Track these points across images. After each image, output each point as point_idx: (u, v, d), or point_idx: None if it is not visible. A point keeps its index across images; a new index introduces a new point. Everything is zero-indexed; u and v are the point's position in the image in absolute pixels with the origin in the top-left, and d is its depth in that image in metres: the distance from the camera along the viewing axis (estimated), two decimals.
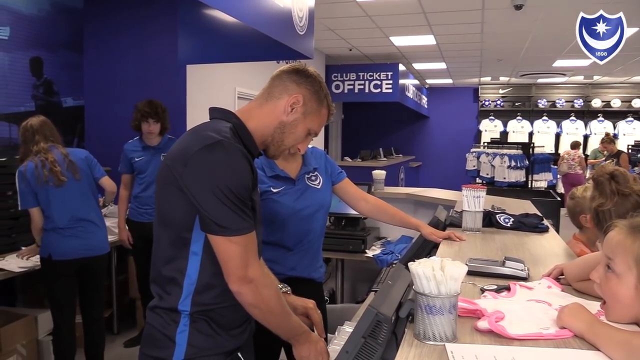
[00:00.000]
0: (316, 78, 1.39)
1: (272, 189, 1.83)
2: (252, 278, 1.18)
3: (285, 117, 1.34)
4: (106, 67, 4.58)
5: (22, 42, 3.99)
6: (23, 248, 3.22)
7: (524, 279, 1.40)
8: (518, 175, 8.43)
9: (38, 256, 2.99)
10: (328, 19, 5.97)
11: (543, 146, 10.35)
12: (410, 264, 0.94)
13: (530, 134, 12.23)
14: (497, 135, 12.15)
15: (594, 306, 1.08)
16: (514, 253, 1.74)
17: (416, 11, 5.48)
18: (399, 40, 7.21)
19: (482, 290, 1.27)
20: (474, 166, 9.13)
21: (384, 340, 0.96)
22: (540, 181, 9.02)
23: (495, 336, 0.98)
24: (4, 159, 3.36)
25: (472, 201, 2.10)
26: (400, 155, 11.99)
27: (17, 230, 3.37)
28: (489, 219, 2.26)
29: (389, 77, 8.48)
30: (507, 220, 2.25)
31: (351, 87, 8.75)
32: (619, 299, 1.00)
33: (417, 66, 9.77)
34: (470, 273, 1.44)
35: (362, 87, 8.68)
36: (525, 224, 2.21)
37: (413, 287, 0.95)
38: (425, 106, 12.84)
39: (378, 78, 8.55)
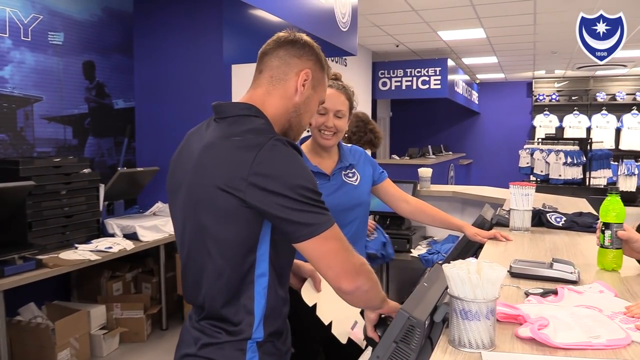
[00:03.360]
0: (313, 45, 1.25)
1: None
2: (360, 263, 1.10)
3: (298, 98, 1.21)
4: (155, 68, 4.69)
5: (75, 46, 4.14)
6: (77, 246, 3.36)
7: (574, 282, 1.31)
8: (574, 173, 8.07)
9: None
10: (373, 15, 5.89)
11: (602, 142, 9.86)
12: (445, 266, 0.89)
13: (588, 129, 11.68)
14: (553, 131, 11.69)
15: None
16: (564, 254, 1.64)
17: (464, 4, 5.32)
18: (447, 35, 7.04)
19: (527, 294, 1.19)
20: (528, 163, 8.81)
21: (417, 345, 0.91)
22: (599, 178, 8.61)
23: (537, 345, 0.91)
24: (58, 159, 3.49)
25: (520, 199, 2.00)
26: (450, 152, 11.73)
27: (71, 229, 3.50)
28: (539, 218, 2.15)
29: (437, 73, 8.30)
30: (558, 219, 2.14)
31: (398, 83, 8.62)
32: None
33: (467, 61, 9.52)
34: (514, 275, 1.37)
35: (409, 83, 8.54)
36: (578, 224, 2.08)
37: (448, 290, 0.89)
38: (476, 102, 12.51)
39: (426, 74, 8.39)
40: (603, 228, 1.46)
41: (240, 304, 1.12)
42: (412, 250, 3.41)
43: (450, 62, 8.50)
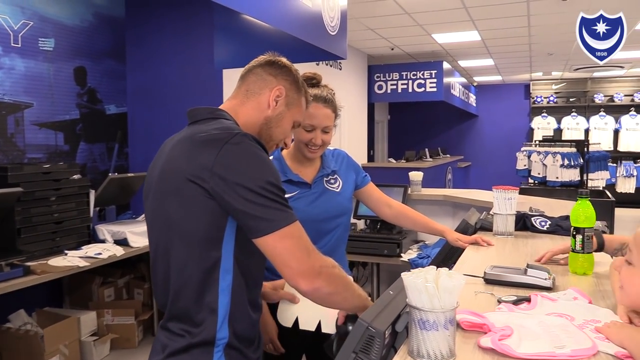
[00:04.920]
0: (291, 68, 1.33)
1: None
2: (320, 265, 1.09)
3: (270, 112, 1.27)
4: (147, 74, 4.69)
5: (66, 52, 4.13)
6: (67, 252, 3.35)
7: (548, 289, 1.29)
8: (572, 175, 8.05)
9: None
10: (367, 18, 5.89)
11: (599, 143, 9.84)
12: (403, 274, 0.87)
13: (586, 131, 11.68)
14: (551, 133, 11.67)
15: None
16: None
17: (457, 6, 5.32)
18: (442, 38, 7.04)
19: (499, 302, 1.18)
20: (525, 165, 8.79)
21: (377, 355, 0.89)
22: (597, 180, 8.58)
23: (500, 355, 0.90)
24: (47, 165, 3.48)
25: (503, 203, 1.99)
26: (448, 155, 11.72)
27: (61, 235, 3.48)
28: (524, 222, 2.14)
29: (433, 76, 8.29)
30: (543, 223, 2.12)
31: (394, 87, 8.61)
32: (631, 288, 1.00)
33: (464, 63, 9.51)
34: (489, 282, 1.35)
35: (405, 86, 8.53)
36: (562, 228, 2.07)
37: (407, 299, 0.88)
38: (474, 104, 12.50)
39: (422, 77, 8.38)
40: (574, 232, 1.45)
41: (204, 302, 1.11)
42: (402, 254, 3.39)
43: (445, 65, 8.49)
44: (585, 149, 8.24)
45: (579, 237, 1.44)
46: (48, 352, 3.19)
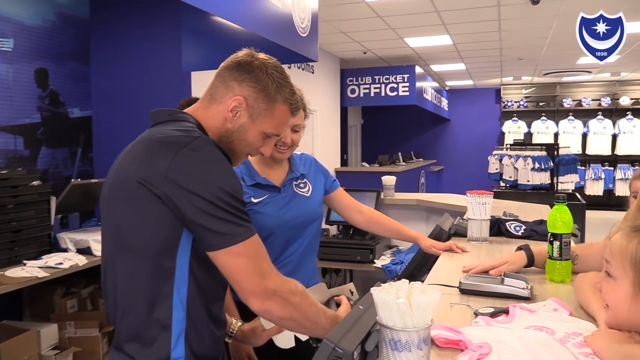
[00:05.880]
0: (264, 70, 1.15)
1: (252, 199, 1.68)
2: (273, 289, 1.01)
3: (230, 124, 1.14)
4: (113, 76, 4.54)
5: (26, 53, 3.96)
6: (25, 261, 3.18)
7: (526, 299, 1.24)
8: (542, 178, 8.16)
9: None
10: (339, 22, 5.84)
11: (569, 147, 10.01)
12: (372, 290, 0.80)
13: (556, 135, 11.87)
14: (521, 137, 11.84)
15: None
16: None
17: (428, 10, 5.31)
18: (414, 42, 7.04)
19: (476, 314, 1.11)
20: (497, 169, 8.89)
21: None
22: (566, 183, 8.73)
23: None
24: (5, 171, 3.31)
25: (477, 208, 1.94)
26: (421, 159, 11.77)
27: (20, 244, 3.32)
28: (498, 227, 2.09)
29: (405, 80, 8.30)
30: (518, 228, 2.08)
31: (367, 90, 8.59)
32: (617, 305, 0.92)
33: (436, 68, 9.56)
34: (464, 292, 1.29)
35: (378, 90, 8.51)
36: (537, 232, 2.03)
37: (377, 317, 0.80)
38: (446, 109, 12.60)
39: (394, 81, 8.38)
40: (551, 239, 1.40)
41: (154, 317, 1.02)
42: (375, 260, 3.33)
43: (418, 69, 8.51)
44: (555, 152, 8.37)
45: (556, 244, 1.39)
46: None
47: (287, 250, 1.66)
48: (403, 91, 8.39)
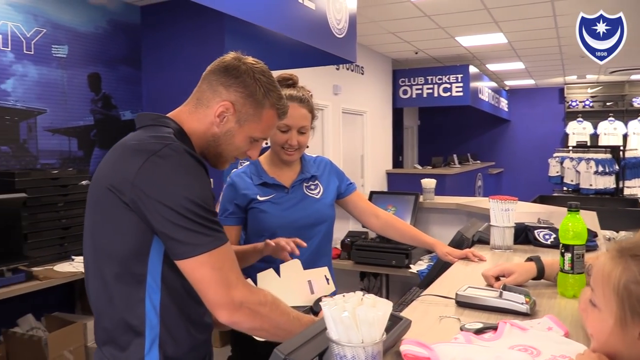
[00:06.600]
0: (251, 75, 1.14)
1: (258, 197, 1.68)
2: (240, 301, 0.99)
3: (217, 129, 1.14)
4: (162, 79, 4.70)
5: (80, 59, 4.17)
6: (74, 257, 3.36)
7: (525, 315, 1.16)
8: (607, 182, 7.71)
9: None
10: (386, 22, 5.76)
11: (636, 149, 9.40)
12: (321, 303, 0.77)
13: (625, 136, 11.17)
14: (587, 138, 11.23)
15: None
16: None
17: (477, 8, 5.13)
18: (466, 40, 6.83)
19: (461, 329, 1.05)
20: (557, 172, 8.50)
21: None
22: (634, 188, 8.20)
23: None
24: (55, 171, 3.50)
25: (500, 215, 1.85)
26: (478, 161, 11.42)
27: (68, 240, 3.50)
28: (526, 235, 1.98)
29: (459, 80, 8.08)
30: (547, 236, 1.96)
31: (419, 91, 8.43)
32: (599, 335, 0.82)
33: (492, 67, 9.24)
34: (460, 305, 1.23)
35: (430, 91, 8.34)
36: None
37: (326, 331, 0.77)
38: (506, 109, 12.16)
39: (447, 81, 8.18)
40: (562, 250, 1.31)
41: (127, 323, 1.03)
42: (411, 265, 3.25)
43: (472, 69, 8.26)
44: (621, 154, 7.89)
45: (567, 256, 1.30)
46: (52, 357, 3.19)
47: (302, 255, 1.65)
48: (457, 91, 8.17)
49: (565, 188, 8.35)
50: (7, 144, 3.66)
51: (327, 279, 1.54)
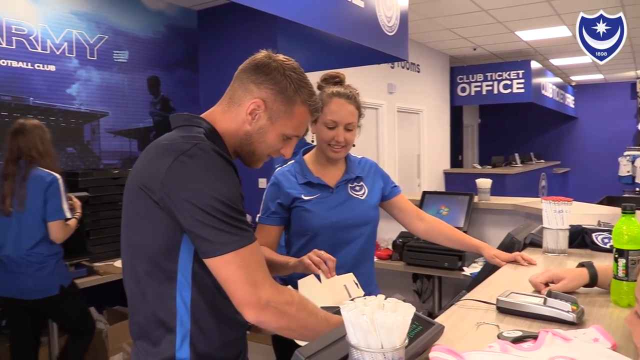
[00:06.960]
0: (281, 72, 1.14)
1: (302, 197, 1.67)
2: (267, 300, 0.99)
3: (249, 127, 1.15)
4: (218, 81, 4.80)
5: (139, 63, 4.34)
6: None
7: (572, 324, 1.09)
8: None
9: None
10: (442, 18, 5.63)
11: None
12: (341, 306, 0.75)
13: None
14: None
15: None
16: None
17: (537, 0, 4.92)
18: (527, 35, 6.56)
19: (498, 337, 1.00)
20: (629, 172, 8.02)
21: None
22: None
23: None
24: (116, 171, 3.65)
25: (553, 217, 1.75)
26: (542, 160, 10.96)
27: None
28: (582, 239, 1.87)
29: (520, 76, 7.77)
30: (606, 240, 1.84)
31: (478, 88, 8.19)
32: None
33: (556, 62, 8.83)
34: (502, 311, 1.17)
35: (490, 88, 8.08)
36: None
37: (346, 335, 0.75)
38: (572, 106, 11.60)
39: (508, 77, 7.89)
40: (616, 255, 1.22)
41: (159, 319, 1.05)
42: (464, 267, 3.16)
43: (534, 64, 7.93)
44: None
45: (621, 261, 1.21)
46: (111, 349, 3.33)
47: (336, 255, 1.62)
48: (518, 88, 7.88)
49: (637, 189, 7.87)
50: (73, 145, 3.86)
51: (356, 283, 1.52)
